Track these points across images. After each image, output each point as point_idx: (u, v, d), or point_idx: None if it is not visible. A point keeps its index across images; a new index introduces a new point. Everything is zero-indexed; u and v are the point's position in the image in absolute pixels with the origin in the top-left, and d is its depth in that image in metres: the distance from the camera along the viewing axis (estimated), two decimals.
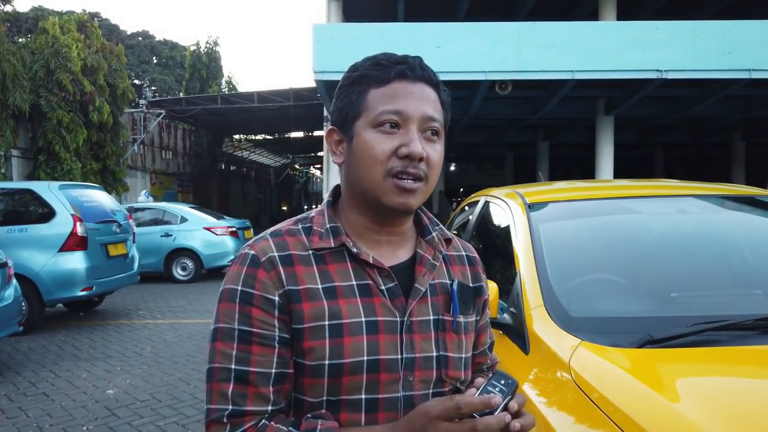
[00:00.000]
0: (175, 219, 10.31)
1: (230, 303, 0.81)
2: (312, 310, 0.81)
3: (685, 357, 1.34)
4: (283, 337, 0.81)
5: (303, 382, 0.82)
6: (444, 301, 0.89)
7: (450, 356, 0.87)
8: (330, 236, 0.85)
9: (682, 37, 11.58)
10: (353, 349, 0.80)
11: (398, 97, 0.82)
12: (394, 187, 0.82)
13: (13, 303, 4.82)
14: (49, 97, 12.20)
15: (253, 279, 0.81)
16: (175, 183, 21.36)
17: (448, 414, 0.71)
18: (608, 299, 1.72)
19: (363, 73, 0.85)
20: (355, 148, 0.84)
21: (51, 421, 3.64)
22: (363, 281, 0.84)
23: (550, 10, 16.18)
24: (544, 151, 20.93)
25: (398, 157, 0.81)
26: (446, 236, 0.94)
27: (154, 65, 40.02)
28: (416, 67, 0.85)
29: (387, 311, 0.83)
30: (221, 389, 0.80)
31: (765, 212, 2.20)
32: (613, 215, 2.11)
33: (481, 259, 1.01)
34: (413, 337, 0.84)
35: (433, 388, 0.86)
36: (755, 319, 1.40)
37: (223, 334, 0.81)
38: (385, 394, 0.82)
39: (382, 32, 12.05)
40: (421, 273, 0.87)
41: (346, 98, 0.86)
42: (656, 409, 1.12)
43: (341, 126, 0.87)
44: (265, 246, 0.84)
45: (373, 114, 0.83)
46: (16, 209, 6.48)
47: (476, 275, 0.97)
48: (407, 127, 0.82)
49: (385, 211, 0.84)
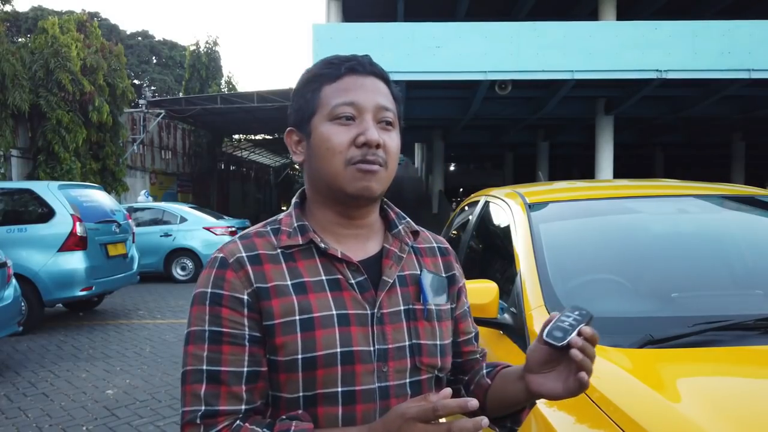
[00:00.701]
0: (174, 219, 10.31)
1: (201, 305, 0.83)
2: (282, 306, 0.82)
3: (685, 357, 1.33)
4: (254, 335, 0.82)
5: (279, 378, 0.83)
6: (415, 291, 0.91)
7: (423, 344, 0.88)
8: (298, 234, 0.87)
9: (681, 37, 11.58)
10: (325, 342, 0.81)
11: (350, 89, 0.85)
12: (355, 172, 0.84)
13: (13, 303, 4.82)
14: (48, 97, 12.19)
15: (221, 280, 0.82)
16: (175, 183, 21.34)
17: (425, 416, 0.71)
18: (609, 299, 1.72)
19: (315, 73, 0.88)
20: (314, 143, 0.87)
21: (50, 422, 3.64)
22: (332, 276, 0.86)
23: (549, 10, 16.18)
24: (544, 151, 20.94)
25: (356, 146, 0.84)
26: (413, 229, 0.96)
27: (153, 65, 40.01)
28: (366, 63, 0.88)
29: (357, 304, 0.85)
30: (194, 391, 0.81)
31: (765, 212, 2.20)
32: (613, 215, 2.11)
33: (481, 259, 1.02)
34: (384, 328, 0.86)
35: (409, 377, 0.87)
36: (756, 319, 1.40)
37: (194, 337, 0.82)
38: (361, 386, 0.83)
39: (381, 32, 12.05)
40: (388, 265, 0.89)
41: (301, 99, 0.89)
42: (657, 410, 1.12)
43: (299, 125, 0.89)
44: (233, 248, 0.85)
45: (328, 108, 0.85)
46: (16, 209, 6.48)
47: (448, 265, 0.99)
48: (362, 116, 0.85)
49: (349, 199, 0.86)
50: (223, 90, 22.91)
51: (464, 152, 31.72)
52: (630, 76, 11.95)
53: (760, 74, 11.52)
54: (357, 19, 15.76)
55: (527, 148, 23.48)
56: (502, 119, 18.16)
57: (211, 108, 17.95)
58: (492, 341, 1.78)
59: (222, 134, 24.25)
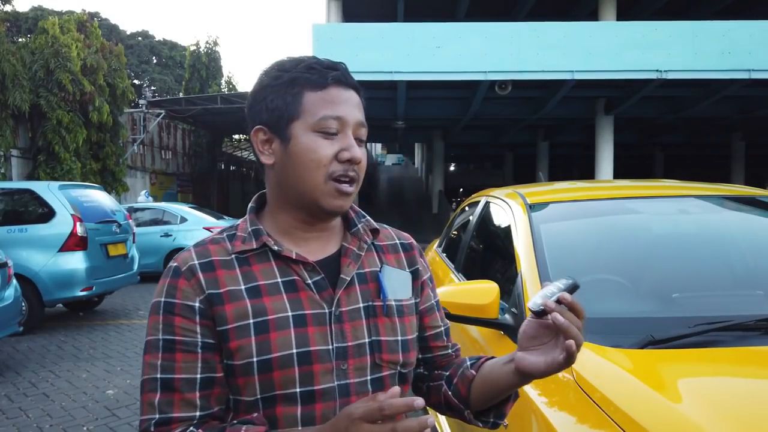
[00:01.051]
0: (174, 219, 10.31)
1: (155, 315, 0.84)
2: (235, 310, 0.83)
3: (686, 358, 1.34)
4: (207, 342, 0.83)
5: (237, 382, 0.83)
6: (375, 288, 0.91)
7: (383, 340, 0.88)
8: (252, 239, 0.87)
9: (681, 37, 11.59)
10: (281, 343, 0.82)
11: (337, 103, 0.85)
12: (334, 190, 0.85)
13: (13, 303, 4.82)
14: (48, 97, 12.20)
15: (174, 289, 0.84)
16: (175, 183, 21.35)
17: (371, 416, 0.72)
18: (609, 300, 1.72)
19: (297, 76, 0.86)
20: (294, 150, 0.85)
21: (51, 422, 3.64)
22: (288, 277, 0.86)
23: (549, 10, 16.19)
24: (544, 151, 20.96)
25: (339, 161, 0.85)
26: (372, 227, 0.96)
27: (153, 65, 40.02)
28: (348, 75, 0.89)
29: (314, 304, 0.85)
30: (149, 399, 0.82)
31: (765, 212, 2.20)
32: (614, 215, 2.11)
33: (481, 260, 1.02)
34: (343, 326, 0.86)
35: (370, 374, 0.87)
36: (757, 320, 1.40)
37: (150, 346, 0.83)
38: (320, 386, 0.83)
39: (381, 32, 12.05)
40: (345, 263, 0.90)
41: (278, 99, 0.86)
42: (658, 410, 1.12)
43: (273, 126, 0.87)
44: (186, 256, 0.86)
45: (313, 118, 0.84)
46: (16, 209, 6.48)
47: (412, 259, 0.99)
48: (345, 132, 0.86)
49: (321, 212, 0.87)
50: (223, 90, 22.92)
51: (464, 152, 31.73)
52: (630, 76, 11.97)
53: (760, 74, 11.53)
54: (357, 19, 15.76)
55: (527, 148, 23.50)
56: (502, 119, 18.17)
57: (211, 108, 17.95)
58: (493, 341, 1.78)
59: (222, 134, 24.26)
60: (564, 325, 0.78)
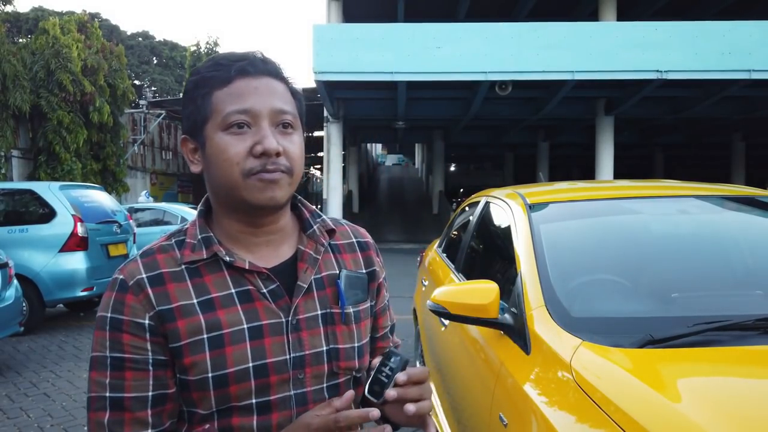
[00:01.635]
0: (175, 219, 10.31)
1: (101, 331, 0.80)
2: (188, 326, 0.79)
3: (686, 357, 1.34)
4: (158, 359, 0.79)
5: (191, 396, 0.81)
6: (332, 293, 0.88)
7: (341, 348, 0.87)
8: (202, 247, 0.83)
9: (682, 38, 11.60)
10: (236, 358, 0.79)
11: (243, 95, 0.80)
12: (256, 182, 0.79)
13: (14, 303, 4.82)
14: (49, 97, 12.21)
15: (121, 304, 0.79)
16: (176, 183, 21.36)
17: (327, 427, 0.72)
18: (609, 299, 1.72)
19: (204, 76, 0.82)
20: (209, 153, 0.82)
21: (52, 422, 3.64)
22: (242, 288, 0.82)
23: (550, 10, 16.19)
24: (544, 152, 20.95)
25: (254, 156, 0.79)
26: (328, 227, 0.93)
27: (154, 65, 40.04)
28: (257, 61, 0.83)
29: (270, 314, 0.82)
30: (98, 419, 0.79)
31: (765, 212, 2.20)
32: (614, 216, 2.11)
33: (481, 260, 1.02)
34: (301, 335, 0.84)
35: (326, 381, 0.86)
36: (756, 320, 1.40)
37: (97, 363, 0.80)
38: (276, 395, 0.82)
39: (382, 32, 12.05)
40: (302, 269, 0.86)
41: (191, 104, 0.83)
42: (657, 410, 1.12)
43: (192, 133, 0.84)
44: (133, 269, 0.81)
45: (220, 116, 0.80)
46: (17, 209, 6.48)
47: (368, 259, 0.96)
48: (258, 124, 0.80)
49: (254, 210, 0.82)
50: None
51: (465, 153, 31.73)
52: (630, 77, 11.97)
53: (760, 75, 11.53)
54: (357, 19, 15.77)
55: (527, 149, 23.49)
56: (503, 120, 18.17)
57: None
58: (492, 341, 1.78)
59: None
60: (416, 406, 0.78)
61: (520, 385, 1.45)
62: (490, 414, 1.58)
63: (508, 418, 1.46)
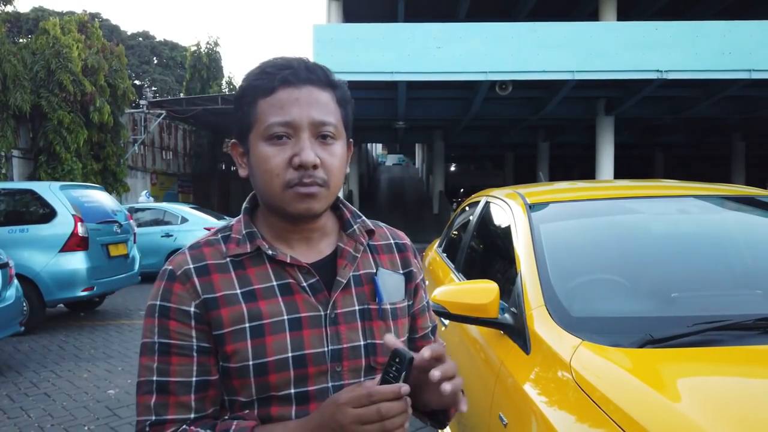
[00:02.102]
0: (175, 219, 10.31)
1: (151, 318, 0.85)
2: (231, 314, 0.83)
3: (685, 357, 1.34)
4: (202, 346, 0.84)
5: (232, 384, 0.84)
6: (370, 291, 0.91)
7: (378, 343, 0.89)
8: (246, 242, 0.87)
9: (682, 38, 11.59)
10: (276, 347, 0.83)
11: (284, 106, 0.82)
12: (294, 195, 0.83)
13: (15, 303, 4.82)
14: (49, 97, 12.21)
15: (169, 293, 0.84)
16: (176, 183, 21.36)
17: (359, 402, 0.73)
18: (609, 299, 1.72)
19: (250, 84, 0.85)
20: (253, 161, 0.86)
21: (52, 421, 3.65)
22: (283, 281, 0.86)
23: (550, 10, 16.18)
24: (545, 152, 20.94)
25: (293, 167, 0.82)
26: (368, 227, 0.96)
27: (154, 66, 40.04)
28: (301, 70, 0.84)
29: (310, 307, 0.86)
30: (145, 401, 0.83)
31: (765, 212, 2.20)
32: (613, 215, 2.12)
33: (481, 260, 1.03)
34: (339, 328, 0.87)
35: (363, 376, 0.87)
36: (755, 319, 1.41)
37: (146, 349, 0.84)
38: (314, 386, 0.84)
39: (382, 32, 12.05)
40: (342, 266, 0.89)
41: (239, 111, 0.87)
42: (657, 409, 1.12)
43: (240, 138, 0.88)
44: (181, 260, 0.86)
45: (263, 126, 0.83)
46: (17, 209, 6.48)
47: (406, 261, 0.99)
48: (298, 135, 0.83)
49: (292, 218, 0.86)
50: (224, 90, 22.91)
51: (465, 153, 31.73)
52: (630, 77, 11.96)
53: (760, 75, 11.52)
54: (357, 19, 15.76)
55: (528, 149, 23.48)
56: (503, 120, 18.17)
57: (212, 108, 17.96)
58: (492, 341, 1.78)
59: (223, 135, 24.26)
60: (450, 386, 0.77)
61: (520, 385, 1.45)
62: (489, 414, 1.58)
63: (507, 418, 1.46)
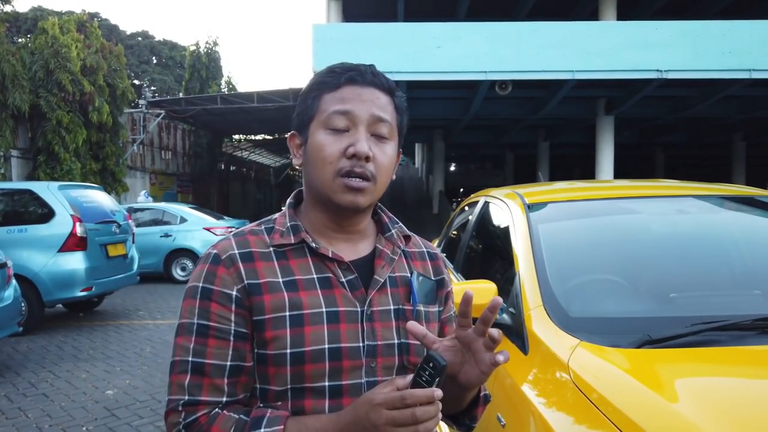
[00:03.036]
0: (174, 219, 10.31)
1: (192, 299, 0.86)
2: (273, 301, 0.85)
3: (683, 357, 1.33)
4: (240, 331, 0.85)
5: (267, 371, 0.85)
6: (405, 292, 0.93)
7: (411, 344, 0.90)
8: (290, 234, 0.90)
9: (682, 37, 11.58)
10: (314, 338, 0.84)
11: (347, 99, 0.87)
12: (343, 186, 0.86)
13: (13, 303, 4.82)
14: (48, 97, 12.20)
15: (213, 276, 0.86)
16: (175, 183, 21.34)
17: (393, 404, 0.73)
18: (607, 299, 1.72)
19: (318, 80, 0.91)
20: (309, 149, 0.89)
21: (50, 422, 3.64)
22: (323, 274, 0.88)
23: (550, 10, 16.17)
24: (545, 151, 20.93)
25: (347, 157, 0.85)
26: (405, 233, 0.99)
27: (153, 65, 40.02)
28: (367, 73, 0.89)
29: (347, 302, 0.87)
30: (179, 381, 0.84)
31: (764, 213, 2.20)
32: (612, 215, 2.11)
33: (480, 260, 1.03)
34: (374, 325, 0.88)
35: (396, 374, 0.88)
36: (754, 320, 1.40)
37: (183, 329, 0.86)
38: (348, 381, 0.85)
39: (381, 32, 12.04)
40: (380, 266, 0.92)
41: (303, 104, 0.91)
42: (655, 410, 1.12)
43: (299, 129, 0.92)
44: (227, 245, 0.88)
45: (324, 115, 0.87)
46: (16, 210, 6.48)
47: (437, 269, 1.01)
48: (356, 128, 0.86)
49: (337, 208, 0.88)
50: (223, 90, 22.91)
51: (465, 152, 31.71)
52: (630, 76, 11.95)
53: (760, 74, 11.51)
54: (357, 19, 15.75)
55: (527, 149, 23.48)
56: (503, 119, 18.16)
57: (211, 108, 17.95)
58: None
59: (222, 134, 24.27)
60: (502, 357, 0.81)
61: (518, 385, 1.45)
62: (488, 414, 1.57)
63: (506, 419, 1.45)
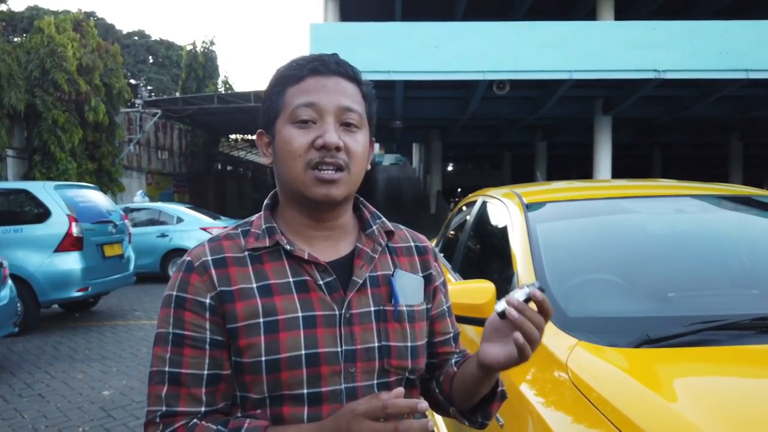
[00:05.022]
0: (171, 219, 10.28)
1: (167, 308, 0.85)
2: (245, 308, 0.83)
3: (682, 357, 1.33)
4: (216, 339, 0.83)
5: (244, 379, 0.83)
6: (387, 292, 0.90)
7: (393, 345, 0.87)
8: (266, 236, 0.87)
9: (680, 37, 11.60)
10: (290, 344, 0.82)
11: (311, 91, 0.85)
12: (314, 179, 0.83)
13: (9, 304, 4.80)
14: (44, 96, 12.16)
15: (186, 284, 0.84)
16: (171, 183, 21.29)
17: (374, 413, 0.72)
18: (606, 299, 1.71)
19: (280, 74, 0.88)
20: (277, 145, 0.87)
21: (46, 423, 3.62)
22: (300, 278, 0.86)
23: (548, 9, 16.19)
24: (542, 151, 20.96)
25: (315, 148, 0.83)
26: (387, 228, 0.95)
27: (150, 65, 39.94)
28: (330, 63, 0.87)
29: (325, 305, 0.85)
30: (157, 392, 0.83)
31: (762, 212, 2.20)
32: (610, 215, 2.11)
33: (478, 259, 1.02)
34: (353, 329, 0.85)
35: (377, 378, 0.86)
36: (752, 319, 1.40)
37: (160, 339, 0.85)
38: (327, 387, 0.83)
39: (379, 32, 12.03)
40: (359, 265, 0.89)
41: (267, 101, 0.89)
42: (654, 409, 1.11)
43: (266, 127, 0.90)
44: (200, 251, 0.87)
45: (289, 110, 0.85)
46: (12, 209, 6.45)
47: (425, 263, 0.98)
48: (323, 119, 0.84)
49: (312, 204, 0.86)
50: (219, 90, 22.86)
51: (462, 152, 31.74)
52: (628, 76, 11.97)
53: (758, 74, 11.54)
54: (354, 18, 15.74)
55: (525, 149, 23.49)
56: (501, 119, 18.18)
57: (207, 108, 17.91)
58: None
59: (219, 134, 24.22)
60: (518, 320, 0.79)
61: (516, 385, 1.44)
62: None
63: (504, 419, 1.45)
